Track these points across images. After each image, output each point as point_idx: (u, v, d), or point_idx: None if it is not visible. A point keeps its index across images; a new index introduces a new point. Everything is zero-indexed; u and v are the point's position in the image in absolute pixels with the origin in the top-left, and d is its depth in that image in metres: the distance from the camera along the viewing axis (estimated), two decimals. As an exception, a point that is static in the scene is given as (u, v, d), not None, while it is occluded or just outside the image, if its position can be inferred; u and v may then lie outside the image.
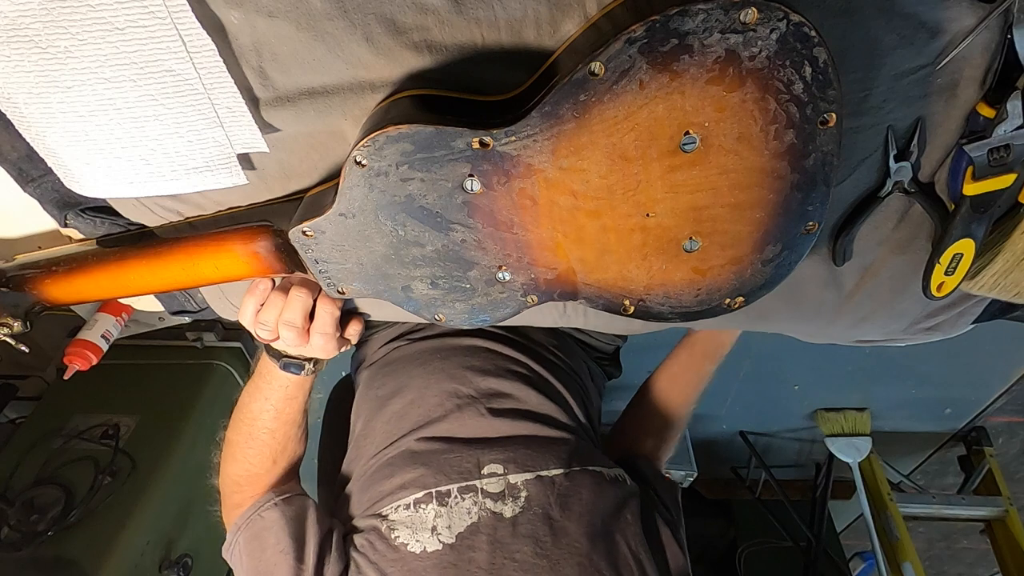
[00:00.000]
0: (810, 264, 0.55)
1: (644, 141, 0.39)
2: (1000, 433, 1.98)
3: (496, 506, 0.61)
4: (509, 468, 0.64)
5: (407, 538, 0.59)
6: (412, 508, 0.61)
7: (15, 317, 0.53)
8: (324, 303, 0.56)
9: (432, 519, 0.60)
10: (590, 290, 0.49)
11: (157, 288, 0.54)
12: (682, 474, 1.86)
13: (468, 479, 0.63)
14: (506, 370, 0.74)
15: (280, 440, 0.68)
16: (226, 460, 0.70)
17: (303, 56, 0.40)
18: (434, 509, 0.61)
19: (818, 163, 0.41)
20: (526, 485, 0.63)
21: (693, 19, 0.33)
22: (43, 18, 0.36)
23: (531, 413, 0.71)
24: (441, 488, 0.62)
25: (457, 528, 0.59)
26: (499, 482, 0.63)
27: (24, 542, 1.18)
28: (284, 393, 0.64)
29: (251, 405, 0.67)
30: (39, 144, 0.43)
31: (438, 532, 0.59)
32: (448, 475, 0.63)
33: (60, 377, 1.26)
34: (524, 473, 0.64)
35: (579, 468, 0.66)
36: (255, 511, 0.66)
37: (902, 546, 1.70)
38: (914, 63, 0.42)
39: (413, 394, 0.72)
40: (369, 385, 0.78)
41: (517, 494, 0.62)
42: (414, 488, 0.62)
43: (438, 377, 0.72)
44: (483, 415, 0.69)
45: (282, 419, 0.66)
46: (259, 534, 0.64)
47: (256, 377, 0.66)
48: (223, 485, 0.71)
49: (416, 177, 0.42)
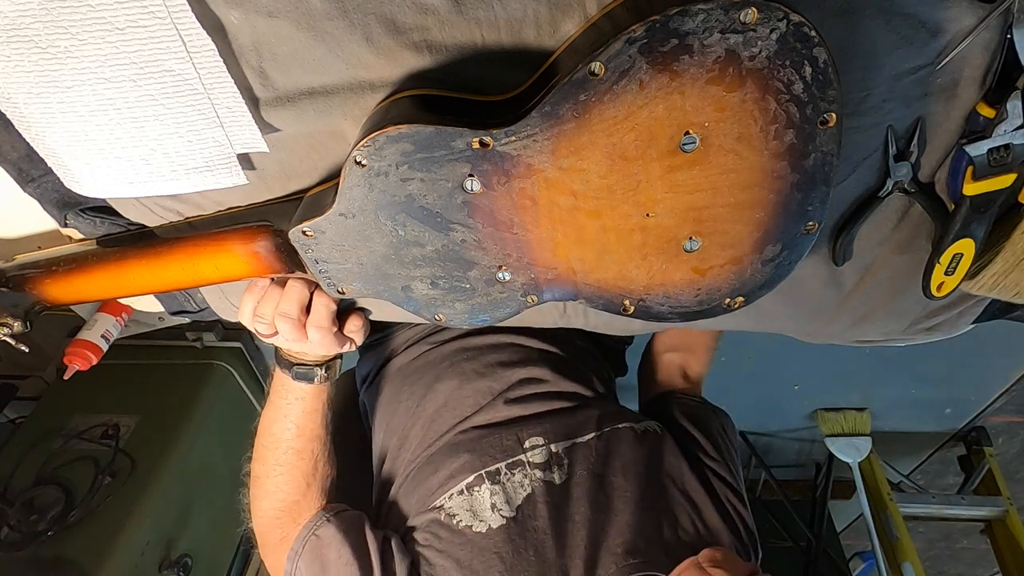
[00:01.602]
0: (810, 264, 0.55)
1: (644, 141, 0.39)
2: (1000, 433, 1.98)
3: (546, 475, 0.64)
4: (549, 438, 0.67)
5: (470, 520, 0.61)
6: (466, 493, 0.63)
7: (15, 317, 0.53)
8: (320, 296, 0.55)
9: (489, 498, 0.62)
10: (590, 290, 0.49)
11: (157, 288, 0.54)
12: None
13: (513, 455, 0.65)
14: (533, 359, 0.77)
15: (308, 459, 0.65)
16: (257, 497, 0.67)
17: (303, 56, 0.40)
18: (488, 488, 0.63)
19: (818, 163, 0.41)
20: (566, 452, 0.66)
21: (693, 19, 0.33)
22: (43, 18, 0.36)
23: (559, 393, 0.74)
24: (490, 468, 0.64)
25: (516, 501, 0.62)
26: (543, 452, 0.66)
27: (24, 542, 1.18)
28: (302, 407, 0.63)
29: (271, 428, 0.65)
30: (39, 144, 0.43)
31: (498, 509, 0.62)
32: (493, 455, 0.65)
33: (60, 377, 1.26)
34: (563, 441, 0.67)
35: (610, 428, 0.69)
36: (310, 532, 0.64)
37: (902, 546, 1.70)
38: (914, 63, 0.42)
39: (446, 396, 0.73)
40: (394, 399, 0.78)
41: (561, 461, 0.66)
42: (463, 474, 0.64)
43: (469, 377, 0.74)
44: (515, 401, 0.72)
45: (305, 436, 0.64)
46: (319, 553, 0.62)
47: (272, 397, 0.65)
48: (259, 526, 0.67)
49: (416, 177, 0.42)
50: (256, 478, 0.67)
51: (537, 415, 0.71)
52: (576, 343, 0.85)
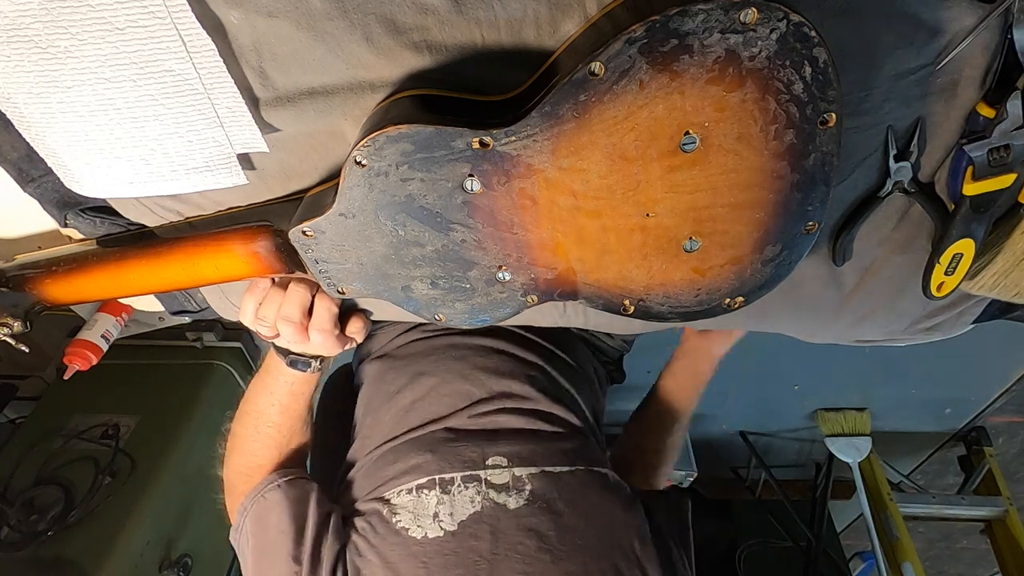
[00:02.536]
0: (810, 264, 0.55)
1: (644, 141, 0.39)
2: (1000, 433, 1.99)
3: (500, 497, 0.61)
4: (514, 462, 0.64)
5: (408, 523, 0.59)
6: (414, 493, 0.61)
7: (15, 317, 0.53)
8: (322, 299, 0.56)
9: (434, 505, 0.60)
10: (590, 290, 0.49)
11: (157, 288, 0.54)
12: (682, 474, 1.86)
13: (473, 469, 0.63)
14: (519, 372, 0.74)
15: (285, 434, 0.68)
16: (231, 452, 0.71)
17: (303, 56, 0.40)
18: (436, 496, 0.61)
19: (818, 163, 0.41)
20: (531, 479, 0.63)
21: (693, 19, 0.33)
22: (43, 18, 0.36)
23: (540, 412, 0.71)
24: (445, 476, 0.62)
25: (459, 516, 0.60)
26: (504, 474, 0.63)
27: (24, 542, 1.18)
28: (290, 389, 0.65)
29: (257, 400, 0.67)
30: (39, 144, 0.43)
31: (440, 519, 0.59)
32: (452, 463, 0.63)
33: (60, 377, 1.26)
34: (529, 467, 0.64)
35: (584, 468, 0.65)
36: (259, 492, 0.66)
37: (902, 546, 1.70)
38: (914, 63, 0.42)
39: (425, 391, 0.72)
40: (379, 379, 0.79)
41: (522, 487, 0.62)
42: (418, 474, 0.63)
43: (451, 376, 0.73)
44: (493, 413, 0.69)
45: (287, 414, 0.67)
46: (262, 515, 0.65)
47: (263, 373, 0.67)
48: (228, 476, 0.72)
49: (416, 177, 0.42)
50: (234, 436, 0.71)
51: (511, 432, 0.68)
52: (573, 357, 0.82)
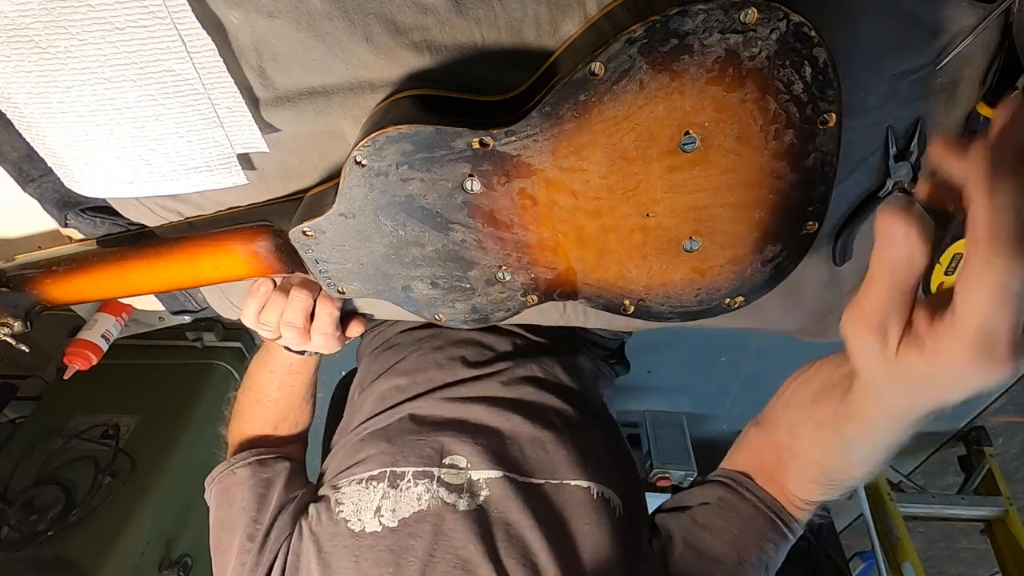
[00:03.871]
0: (810, 264, 0.55)
1: (644, 141, 0.39)
2: (1000, 433, 1.98)
3: (450, 497, 0.57)
4: (474, 463, 0.60)
5: (349, 514, 0.58)
6: (363, 484, 0.59)
7: (15, 317, 0.53)
8: (324, 304, 0.57)
9: (378, 499, 0.58)
10: (590, 290, 0.49)
11: (157, 288, 0.54)
12: (682, 474, 1.86)
13: (428, 465, 0.60)
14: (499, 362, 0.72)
15: (283, 409, 0.70)
16: (233, 417, 0.74)
17: (303, 56, 0.40)
18: (383, 490, 0.58)
19: (818, 163, 0.41)
20: (489, 484, 0.58)
21: (693, 19, 0.33)
22: (43, 18, 0.36)
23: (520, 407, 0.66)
24: (397, 469, 0.60)
25: (401, 513, 0.57)
26: (460, 475, 0.59)
27: (24, 542, 1.18)
28: (288, 369, 0.67)
29: (257, 375, 0.69)
30: (39, 144, 0.43)
31: (381, 514, 0.57)
32: (407, 458, 0.61)
33: (60, 377, 1.27)
34: (491, 471, 0.59)
35: (557, 482, 0.59)
36: (231, 466, 0.67)
37: (902, 546, 1.70)
38: (914, 63, 0.42)
39: (401, 377, 0.72)
40: (369, 365, 0.80)
41: (477, 491, 0.58)
42: (372, 464, 0.61)
43: (427, 364, 0.73)
44: (466, 400, 0.67)
45: (286, 391, 0.69)
46: (228, 489, 0.66)
47: (263, 350, 0.69)
48: (230, 436, 0.74)
49: (416, 177, 0.42)
50: (237, 402, 0.74)
51: (480, 429, 0.63)
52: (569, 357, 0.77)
